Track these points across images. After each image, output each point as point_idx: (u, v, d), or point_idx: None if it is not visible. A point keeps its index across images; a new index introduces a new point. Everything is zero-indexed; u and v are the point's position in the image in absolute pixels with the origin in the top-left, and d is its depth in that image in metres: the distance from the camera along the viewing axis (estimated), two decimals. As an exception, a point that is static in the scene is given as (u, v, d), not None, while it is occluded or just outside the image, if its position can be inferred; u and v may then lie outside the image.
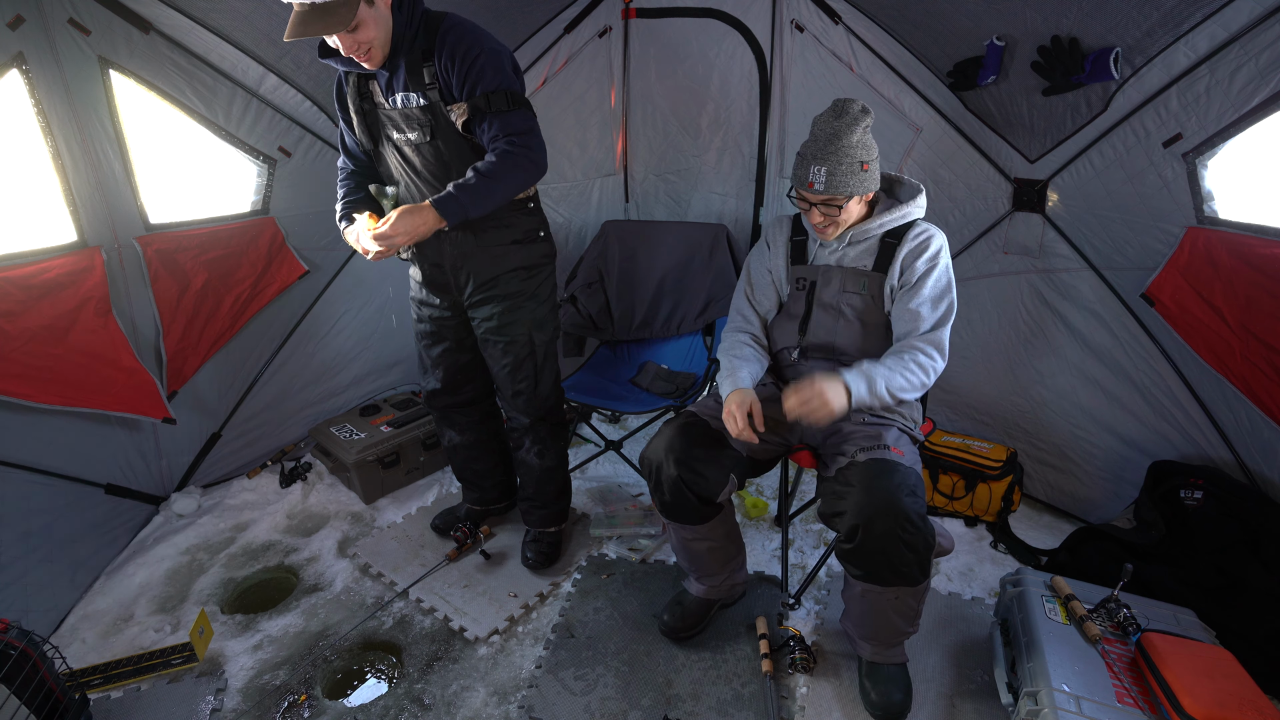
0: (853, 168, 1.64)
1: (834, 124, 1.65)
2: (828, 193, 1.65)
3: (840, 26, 2.52)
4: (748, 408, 1.66)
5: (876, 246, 1.77)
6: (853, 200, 1.68)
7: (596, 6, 2.88)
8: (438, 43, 1.70)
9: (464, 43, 1.69)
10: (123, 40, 2.04)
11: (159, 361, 2.36)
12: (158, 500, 2.54)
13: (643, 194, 3.22)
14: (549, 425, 2.17)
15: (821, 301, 1.82)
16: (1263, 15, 1.65)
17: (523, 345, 2.02)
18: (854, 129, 1.64)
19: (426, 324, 2.11)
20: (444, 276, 1.99)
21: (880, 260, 1.76)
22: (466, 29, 1.73)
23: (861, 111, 1.66)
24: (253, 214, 2.51)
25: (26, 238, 2.02)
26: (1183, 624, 1.65)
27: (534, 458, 2.19)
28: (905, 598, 1.63)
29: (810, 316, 1.84)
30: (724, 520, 1.87)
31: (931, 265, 1.70)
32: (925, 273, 1.70)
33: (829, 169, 1.63)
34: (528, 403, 2.10)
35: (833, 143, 1.64)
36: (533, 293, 2.01)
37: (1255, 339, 1.82)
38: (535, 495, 2.27)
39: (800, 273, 1.87)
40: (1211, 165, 1.87)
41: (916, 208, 1.77)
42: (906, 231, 1.75)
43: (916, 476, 1.60)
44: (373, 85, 1.81)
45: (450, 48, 1.69)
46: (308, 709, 1.81)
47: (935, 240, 1.73)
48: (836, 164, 1.63)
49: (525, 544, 2.32)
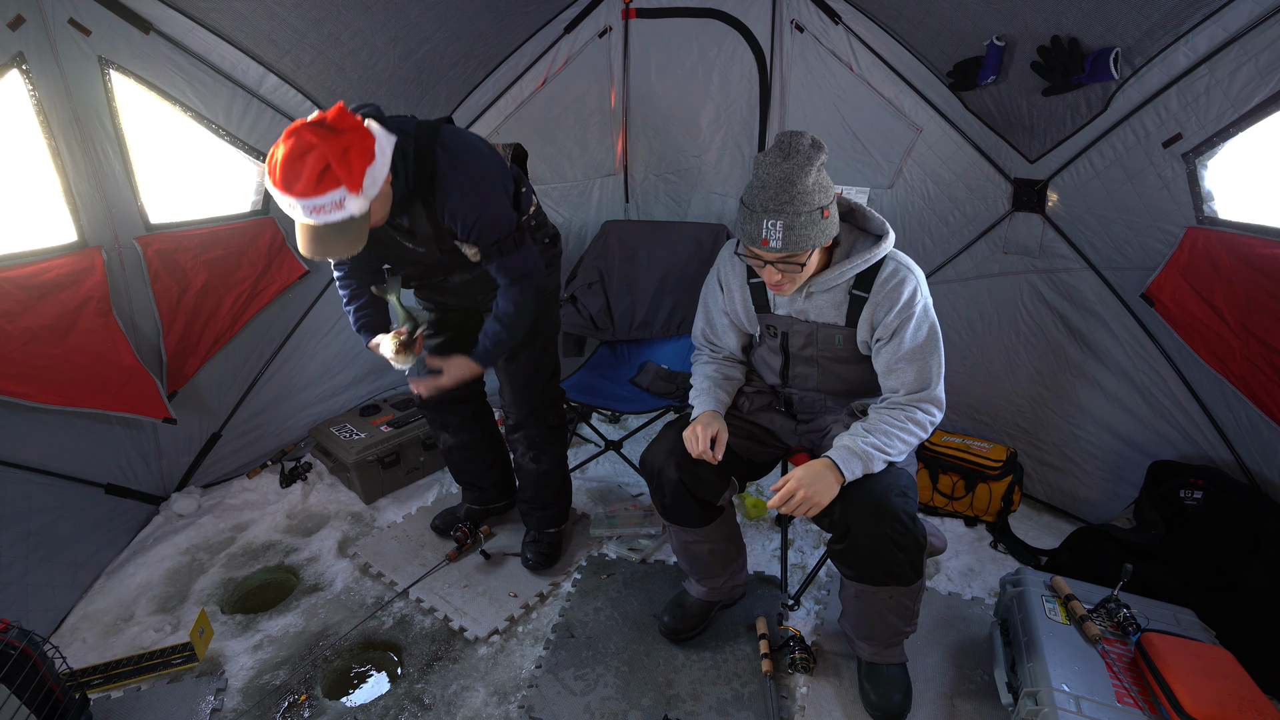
0: (812, 217, 1.43)
1: (783, 166, 1.41)
2: (786, 250, 1.44)
3: (840, 26, 2.52)
4: (712, 433, 1.66)
5: (844, 299, 1.61)
6: (812, 256, 1.50)
7: (596, 6, 2.88)
8: (437, 200, 1.65)
9: (463, 205, 1.65)
10: (123, 40, 2.04)
11: (159, 361, 2.36)
12: (158, 500, 2.54)
13: (643, 194, 3.22)
14: (543, 427, 2.15)
15: (797, 354, 1.73)
16: (1263, 15, 1.65)
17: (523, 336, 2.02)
18: (807, 170, 1.41)
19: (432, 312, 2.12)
20: (454, 314, 2.07)
21: (850, 314, 1.61)
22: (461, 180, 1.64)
23: (812, 147, 1.43)
24: (253, 214, 2.51)
25: (27, 238, 2.02)
26: (1183, 624, 1.65)
27: (530, 462, 2.19)
28: (900, 597, 1.63)
29: (790, 366, 1.76)
30: (725, 523, 1.87)
31: (906, 317, 1.55)
32: (899, 326, 1.55)
33: (785, 223, 1.41)
34: (523, 395, 2.08)
35: (785, 190, 1.41)
36: None
37: (1255, 339, 1.81)
38: (534, 498, 2.27)
39: (768, 320, 1.73)
40: (1211, 165, 1.87)
41: (880, 251, 1.56)
42: (873, 278, 1.57)
43: (908, 477, 1.59)
44: None
45: (451, 210, 1.66)
46: (308, 709, 1.81)
47: (906, 286, 1.54)
48: (794, 216, 1.41)
49: (525, 545, 2.32)
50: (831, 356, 1.70)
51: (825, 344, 1.68)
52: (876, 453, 1.52)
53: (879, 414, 1.59)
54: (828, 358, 1.70)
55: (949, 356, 2.70)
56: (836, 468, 1.51)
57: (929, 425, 1.59)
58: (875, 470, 1.53)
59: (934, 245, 2.58)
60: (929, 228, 2.58)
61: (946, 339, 2.60)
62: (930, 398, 1.58)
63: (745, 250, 1.53)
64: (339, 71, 2.38)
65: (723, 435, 1.68)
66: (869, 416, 1.62)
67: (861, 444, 1.53)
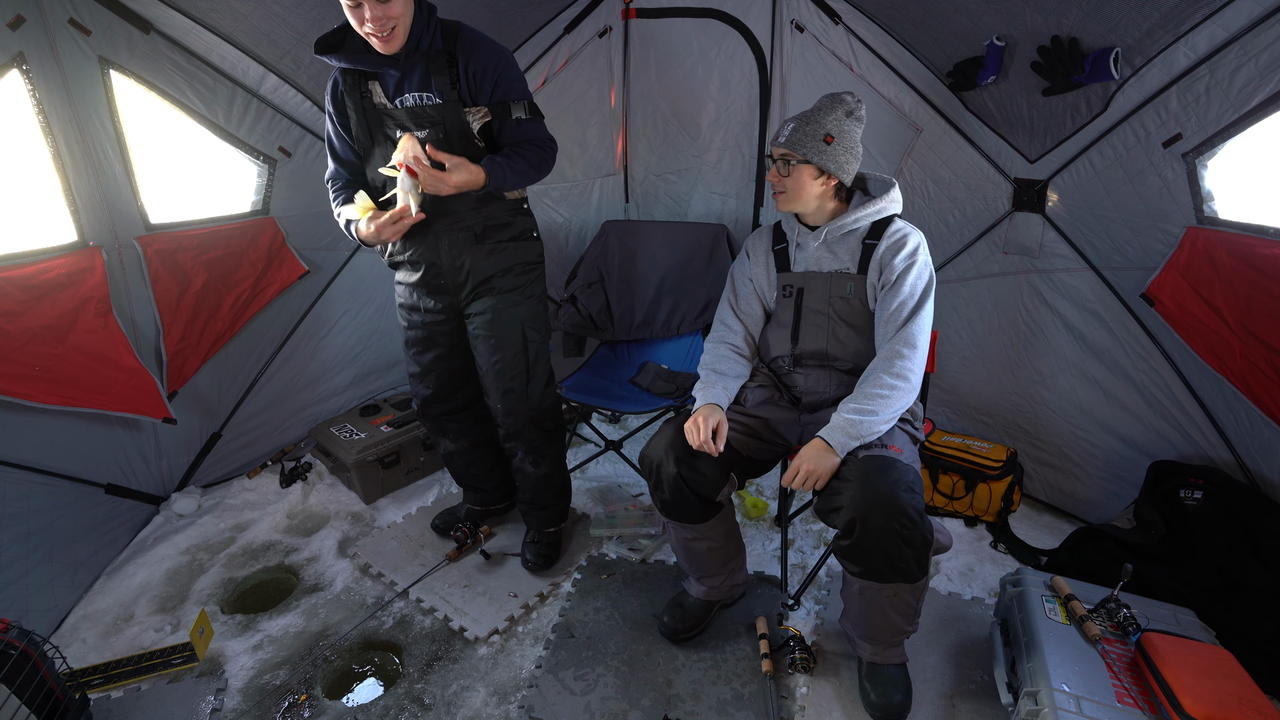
0: (816, 135, 1.71)
1: (826, 99, 1.77)
2: (785, 147, 1.73)
3: (840, 26, 2.52)
4: (713, 425, 1.70)
5: (858, 247, 1.79)
6: (806, 171, 1.74)
7: (596, 6, 2.88)
8: (461, 47, 1.75)
9: (491, 52, 1.77)
10: (123, 40, 2.04)
11: (159, 361, 2.36)
12: (158, 500, 2.54)
13: (643, 194, 3.22)
14: (541, 432, 2.13)
15: (810, 308, 1.84)
16: (1263, 15, 1.65)
17: (514, 341, 2.00)
18: (834, 111, 1.74)
19: (418, 330, 2.07)
20: (441, 277, 1.97)
21: (862, 261, 1.78)
22: (487, 39, 1.79)
23: (853, 100, 1.75)
24: (253, 214, 2.51)
25: (27, 238, 2.02)
26: (1183, 624, 1.65)
27: (529, 466, 2.18)
28: (904, 595, 1.63)
29: (800, 324, 1.86)
30: (724, 520, 1.87)
31: (909, 263, 1.72)
32: (903, 270, 1.72)
33: (795, 126, 1.73)
34: (519, 402, 2.05)
35: (811, 112, 1.75)
36: (526, 289, 2.02)
37: (1255, 339, 1.81)
38: (533, 499, 2.26)
39: (786, 280, 1.88)
40: (1211, 165, 1.87)
41: (891, 203, 1.80)
42: (884, 229, 1.78)
43: (915, 473, 1.60)
44: (371, 86, 1.80)
45: (480, 55, 1.75)
46: (308, 709, 1.81)
47: (912, 238, 1.75)
48: (803, 124, 1.72)
49: (525, 545, 2.32)
50: (840, 311, 1.81)
51: (837, 291, 1.81)
52: (859, 417, 1.63)
53: (857, 388, 1.70)
54: (837, 312, 1.81)
55: (949, 357, 2.70)
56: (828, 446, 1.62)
57: (906, 373, 1.66)
58: (866, 436, 1.62)
59: (934, 245, 2.58)
60: (929, 227, 2.56)
61: (946, 339, 2.63)
62: (905, 337, 1.68)
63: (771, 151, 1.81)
64: (339, 71, 2.38)
65: (723, 427, 1.71)
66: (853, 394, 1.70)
67: (843, 415, 1.64)
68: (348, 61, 1.74)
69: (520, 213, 2.00)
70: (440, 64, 1.74)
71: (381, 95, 1.80)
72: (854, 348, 1.82)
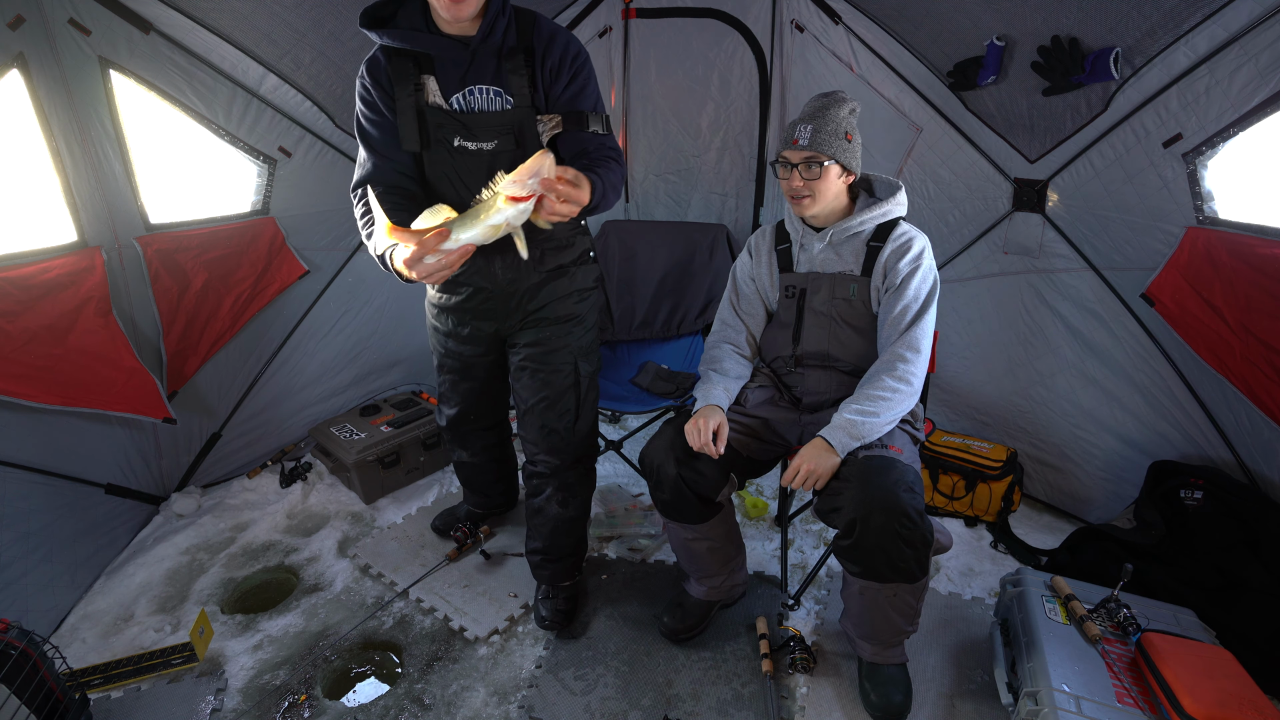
0: (837, 133, 1.69)
1: (822, 99, 1.74)
2: (811, 149, 1.68)
3: (840, 26, 2.52)
4: (714, 427, 1.69)
5: (863, 249, 1.78)
6: (833, 170, 1.71)
7: (596, 6, 2.88)
8: (542, 41, 1.47)
9: (574, 49, 1.51)
10: (123, 40, 2.04)
11: (159, 361, 2.36)
12: (158, 500, 2.54)
13: (643, 194, 3.22)
14: (579, 470, 1.92)
15: (813, 309, 1.83)
16: (1263, 15, 1.65)
17: (566, 375, 1.79)
18: (841, 106, 1.72)
19: (454, 360, 1.90)
20: (489, 302, 1.74)
21: (866, 264, 1.77)
22: (566, 31, 1.55)
23: (849, 99, 1.75)
24: (253, 214, 2.51)
25: (27, 238, 2.02)
26: (1183, 624, 1.65)
27: (555, 506, 1.92)
28: (904, 595, 1.63)
29: (802, 324, 1.85)
30: (724, 520, 1.87)
31: (914, 267, 1.71)
32: (908, 275, 1.71)
33: (815, 127, 1.69)
34: (562, 442, 1.83)
35: (821, 112, 1.71)
36: (582, 317, 1.82)
37: (1255, 339, 1.81)
38: (548, 548, 1.98)
39: (789, 280, 1.87)
40: (1211, 165, 1.87)
41: (897, 205, 1.79)
42: (889, 232, 1.76)
43: (915, 474, 1.60)
44: (425, 80, 1.51)
45: (562, 51, 1.49)
46: (308, 709, 1.81)
47: (917, 242, 1.74)
48: (823, 124, 1.69)
49: (538, 601, 2.04)
50: (843, 313, 1.80)
51: (840, 293, 1.79)
52: (860, 418, 1.62)
53: (858, 389, 1.70)
54: (840, 314, 1.80)
55: (949, 357, 2.70)
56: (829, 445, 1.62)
57: (909, 376, 1.67)
58: (866, 437, 1.62)
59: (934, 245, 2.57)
60: (929, 227, 2.56)
61: (946, 339, 2.62)
62: (908, 341, 1.68)
63: (780, 159, 1.74)
64: (339, 71, 2.39)
65: (724, 429, 1.71)
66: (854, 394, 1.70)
67: (844, 416, 1.64)
68: (401, 41, 1.43)
69: (580, 231, 1.80)
70: (518, 60, 1.47)
71: (438, 93, 1.52)
72: (856, 349, 1.81)
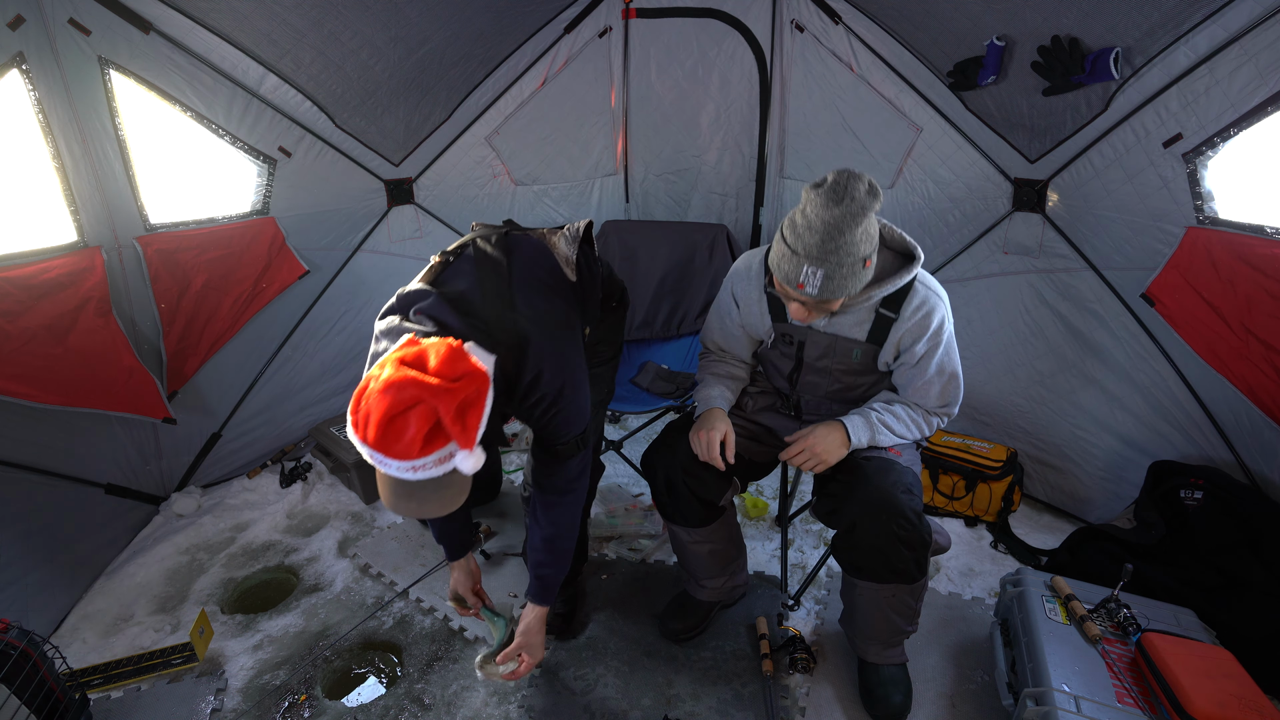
0: (854, 269, 1.36)
1: (834, 212, 1.30)
2: (821, 297, 1.38)
3: (840, 26, 2.52)
4: (721, 435, 1.65)
5: (870, 316, 1.58)
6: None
7: (596, 6, 2.88)
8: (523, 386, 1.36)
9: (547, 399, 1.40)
10: (123, 40, 2.04)
11: (159, 361, 2.36)
12: (158, 500, 2.54)
13: (643, 194, 3.22)
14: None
15: (811, 364, 1.71)
16: (1263, 15, 1.66)
17: None
18: (859, 220, 1.32)
19: None
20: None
21: (875, 332, 1.58)
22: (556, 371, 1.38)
23: (869, 195, 1.32)
24: (253, 214, 2.51)
25: (27, 238, 2.02)
26: (1183, 624, 1.65)
27: None
28: (903, 595, 1.63)
29: (800, 373, 1.74)
30: (725, 523, 1.87)
31: (934, 345, 1.55)
32: (927, 353, 1.56)
33: (826, 272, 1.34)
34: None
35: (831, 239, 1.31)
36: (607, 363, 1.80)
37: (1255, 339, 1.81)
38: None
39: (783, 329, 1.70)
40: (1211, 165, 1.87)
41: (909, 273, 1.51)
42: (903, 301, 1.53)
43: (913, 475, 1.60)
44: None
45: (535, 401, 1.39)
46: (308, 709, 1.81)
47: (936, 314, 1.53)
48: (836, 266, 1.33)
49: None
50: (845, 369, 1.68)
51: (843, 356, 1.66)
52: (886, 430, 1.60)
53: (897, 401, 1.66)
54: (841, 369, 1.69)
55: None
56: (846, 432, 1.60)
57: (937, 426, 1.69)
58: (881, 444, 1.61)
59: (934, 245, 2.59)
60: (929, 227, 2.58)
61: (946, 339, 2.62)
62: (949, 414, 1.68)
63: (777, 286, 1.48)
64: (339, 71, 2.39)
65: (730, 438, 1.67)
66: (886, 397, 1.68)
67: (875, 417, 1.61)
68: None
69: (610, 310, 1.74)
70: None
71: None
72: (860, 388, 1.74)
